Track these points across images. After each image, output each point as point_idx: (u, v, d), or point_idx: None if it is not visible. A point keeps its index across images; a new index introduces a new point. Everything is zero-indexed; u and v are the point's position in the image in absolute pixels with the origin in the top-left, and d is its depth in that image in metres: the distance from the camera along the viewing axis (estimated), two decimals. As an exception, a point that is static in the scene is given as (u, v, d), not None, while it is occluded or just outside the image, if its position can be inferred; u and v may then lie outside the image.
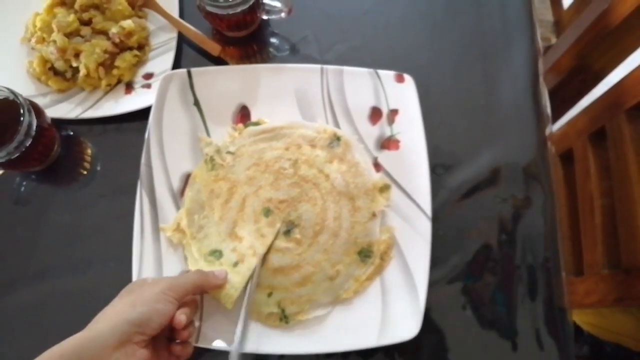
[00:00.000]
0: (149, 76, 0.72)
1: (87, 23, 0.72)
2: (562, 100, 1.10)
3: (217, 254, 0.61)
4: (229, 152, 0.64)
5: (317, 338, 0.58)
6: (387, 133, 0.67)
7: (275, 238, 0.61)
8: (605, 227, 0.85)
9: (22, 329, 0.64)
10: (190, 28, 0.74)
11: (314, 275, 0.60)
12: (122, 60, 0.71)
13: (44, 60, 0.71)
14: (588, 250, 0.88)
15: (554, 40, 1.43)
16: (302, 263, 0.60)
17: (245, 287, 0.58)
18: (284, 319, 0.59)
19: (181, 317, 0.50)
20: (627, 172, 0.77)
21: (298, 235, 0.61)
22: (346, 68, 0.68)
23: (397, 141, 0.66)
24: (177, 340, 0.52)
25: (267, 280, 0.60)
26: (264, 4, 0.70)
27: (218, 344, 0.58)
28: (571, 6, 1.36)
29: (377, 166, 0.66)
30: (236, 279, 0.59)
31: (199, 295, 0.58)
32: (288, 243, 0.61)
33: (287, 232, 0.61)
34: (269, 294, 0.59)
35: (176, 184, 0.64)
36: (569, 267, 0.95)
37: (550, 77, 1.07)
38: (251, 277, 0.59)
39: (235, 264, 0.60)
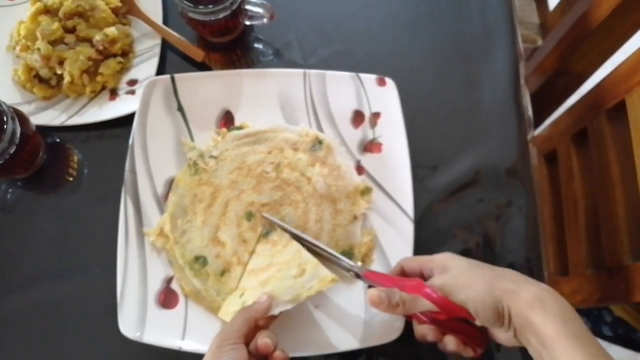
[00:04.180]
0: (133, 82, 0.73)
1: (71, 31, 0.72)
2: (547, 102, 1.11)
3: (201, 260, 0.61)
4: (211, 157, 0.65)
5: (300, 340, 0.58)
6: (370, 136, 0.67)
7: (257, 242, 0.61)
8: (589, 227, 0.85)
9: (7, 336, 0.64)
10: (173, 34, 0.74)
11: (279, 273, 0.58)
12: (106, 67, 0.72)
13: (29, 68, 0.71)
14: (573, 251, 0.89)
15: (539, 42, 1.44)
16: (273, 263, 0.60)
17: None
18: None
19: (264, 340, 0.49)
20: (608, 172, 0.77)
21: (275, 238, 0.61)
22: (328, 72, 0.68)
23: (380, 144, 0.67)
24: None
25: (242, 282, 0.60)
26: (246, 10, 0.71)
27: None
28: (556, 8, 1.37)
29: (360, 169, 0.66)
30: (225, 290, 0.59)
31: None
32: (265, 245, 0.61)
33: (265, 234, 0.62)
34: (241, 295, 0.58)
35: (160, 189, 0.65)
36: (554, 267, 0.95)
37: (534, 79, 1.08)
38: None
39: (222, 273, 0.60)
